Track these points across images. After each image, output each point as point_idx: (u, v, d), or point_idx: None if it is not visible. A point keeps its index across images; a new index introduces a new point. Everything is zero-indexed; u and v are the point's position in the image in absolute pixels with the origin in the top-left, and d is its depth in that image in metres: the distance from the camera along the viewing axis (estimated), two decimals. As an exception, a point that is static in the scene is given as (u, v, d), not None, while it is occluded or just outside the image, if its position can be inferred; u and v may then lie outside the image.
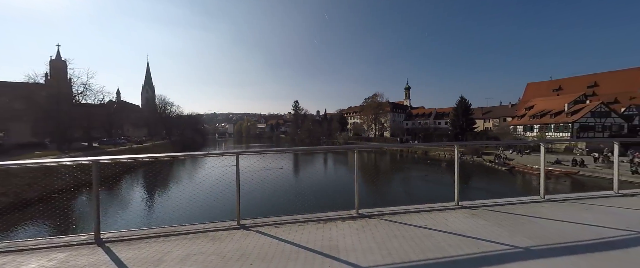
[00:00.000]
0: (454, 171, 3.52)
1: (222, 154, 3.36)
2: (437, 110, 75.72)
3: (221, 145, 77.39)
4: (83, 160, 2.66)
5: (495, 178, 23.24)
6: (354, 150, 3.67)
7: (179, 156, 3.19)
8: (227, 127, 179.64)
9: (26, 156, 20.79)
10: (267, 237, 2.68)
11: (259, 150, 4.42)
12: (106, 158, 2.75)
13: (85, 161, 2.61)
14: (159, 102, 64.51)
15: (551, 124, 34.90)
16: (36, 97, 26.94)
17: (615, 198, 3.88)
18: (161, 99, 63.48)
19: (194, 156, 3.21)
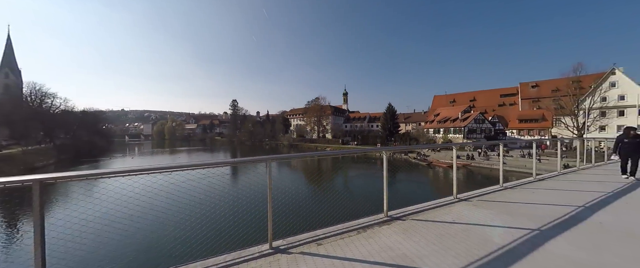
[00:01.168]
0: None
1: (252, 161, 2.71)
2: (370, 115, 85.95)
3: (133, 150, 62.69)
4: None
5: (418, 171, 28.70)
6: (383, 152, 3.90)
7: (208, 165, 2.52)
8: (142, 128, 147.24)
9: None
10: (315, 259, 2.35)
11: (294, 155, 3.87)
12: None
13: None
14: (30, 92, 46.54)
15: (451, 127, 45.70)
16: None
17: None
18: (34, 88, 45.96)
19: (225, 164, 2.45)
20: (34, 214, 1.67)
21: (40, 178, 1.72)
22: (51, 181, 1.80)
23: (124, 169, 2.04)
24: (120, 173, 2.03)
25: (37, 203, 1.67)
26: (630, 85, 32.46)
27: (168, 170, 2.25)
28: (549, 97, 47.91)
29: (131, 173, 2.08)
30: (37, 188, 1.68)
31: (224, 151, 59.32)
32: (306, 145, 65.77)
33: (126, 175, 2.08)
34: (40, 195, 1.69)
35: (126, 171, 2.04)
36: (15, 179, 1.70)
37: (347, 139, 62.80)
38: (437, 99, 68.22)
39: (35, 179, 1.71)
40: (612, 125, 32.78)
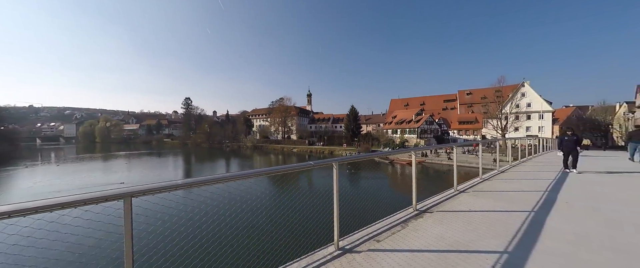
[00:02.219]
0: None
1: (321, 164, 2.64)
2: (334, 116, 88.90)
3: (49, 156, 50.97)
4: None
5: (381, 169, 31.22)
6: (413, 153, 4.32)
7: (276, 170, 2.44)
8: (62, 128, 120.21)
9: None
10: (385, 254, 2.50)
11: (356, 157, 3.61)
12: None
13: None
14: None
15: (407, 128, 50.87)
16: None
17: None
18: None
19: (291, 169, 2.15)
20: (125, 228, 1.56)
21: (130, 192, 1.57)
22: (141, 195, 1.63)
23: (207, 179, 1.91)
24: (197, 184, 1.89)
25: (128, 218, 1.57)
26: (534, 95, 41.79)
27: (239, 178, 2.17)
28: (479, 103, 57.96)
29: (209, 182, 1.96)
30: (129, 203, 1.58)
31: (177, 154, 53.07)
32: (271, 146, 64.03)
33: (208, 184, 1.95)
34: (131, 209, 1.57)
35: (205, 181, 1.92)
36: (103, 195, 1.51)
37: (313, 140, 63.56)
38: (394, 102, 74.89)
39: (126, 193, 1.57)
40: (523, 127, 41.58)
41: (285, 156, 48.52)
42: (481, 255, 2.50)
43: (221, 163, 40.10)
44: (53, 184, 22.43)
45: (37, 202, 1.25)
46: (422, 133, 48.07)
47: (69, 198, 1.36)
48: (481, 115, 50.92)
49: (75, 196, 1.37)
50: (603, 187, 5.47)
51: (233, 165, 36.57)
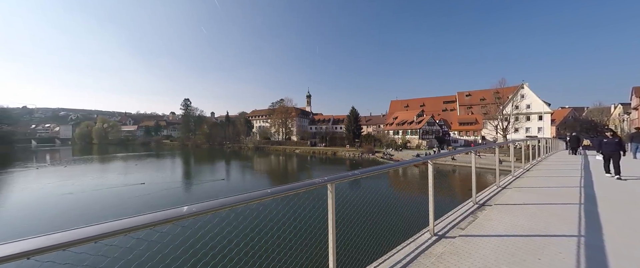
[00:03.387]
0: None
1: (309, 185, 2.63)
2: (334, 117, 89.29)
3: (49, 158, 50.24)
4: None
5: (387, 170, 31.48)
6: (429, 162, 4.57)
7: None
8: (57, 130, 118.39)
9: None
10: (485, 239, 2.76)
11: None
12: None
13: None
14: None
15: (408, 129, 51.42)
16: None
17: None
18: None
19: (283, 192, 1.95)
20: (329, 212, 1.90)
21: (332, 178, 1.92)
22: (338, 181, 1.96)
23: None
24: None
25: (331, 202, 1.90)
26: (534, 97, 42.68)
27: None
28: (478, 104, 58.92)
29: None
30: (332, 189, 1.88)
31: (179, 156, 52.78)
32: (273, 147, 64.04)
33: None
34: (334, 195, 1.92)
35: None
36: (313, 181, 1.83)
37: (315, 141, 63.73)
38: (394, 104, 75.58)
39: (329, 179, 1.90)
40: (523, 128, 42.42)
41: (288, 157, 48.58)
42: (562, 239, 2.78)
43: (229, 163, 39.99)
44: (67, 184, 22.39)
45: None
46: (423, 134, 48.63)
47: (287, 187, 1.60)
48: (481, 116, 51.75)
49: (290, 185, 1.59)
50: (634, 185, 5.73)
51: (237, 167, 36.51)
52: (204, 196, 19.10)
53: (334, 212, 1.91)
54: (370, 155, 42.19)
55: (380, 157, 39.26)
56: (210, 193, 20.11)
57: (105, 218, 1.08)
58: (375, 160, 38.47)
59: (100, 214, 14.42)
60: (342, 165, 35.44)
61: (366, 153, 42.88)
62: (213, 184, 23.29)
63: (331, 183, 1.89)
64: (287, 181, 19.17)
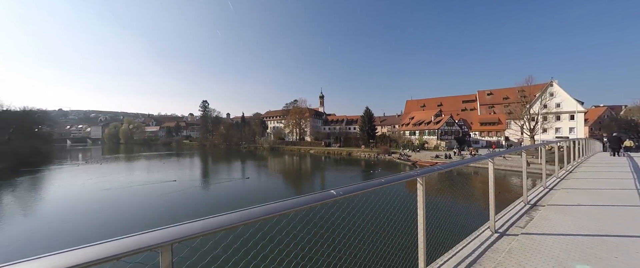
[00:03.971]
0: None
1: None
2: (348, 118, 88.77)
3: (76, 157, 54.05)
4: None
5: (403, 170, 30.65)
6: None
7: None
8: (89, 130, 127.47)
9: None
10: (548, 237, 2.74)
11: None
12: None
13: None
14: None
15: (425, 129, 49.98)
16: None
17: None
18: None
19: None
20: (419, 206, 1.95)
21: (423, 172, 1.97)
22: (427, 174, 2.02)
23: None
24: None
25: (421, 196, 1.95)
26: (564, 95, 39.90)
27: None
28: (501, 103, 56.06)
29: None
30: (423, 182, 1.94)
31: (199, 155, 54.88)
32: (288, 147, 64.84)
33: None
34: (424, 188, 1.98)
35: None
36: (408, 174, 1.83)
37: (329, 141, 63.73)
38: (410, 103, 73.81)
39: (421, 172, 1.94)
40: (552, 128, 39.80)
41: (304, 157, 48.94)
42: (637, 239, 2.64)
43: (249, 163, 41.03)
44: (105, 181, 24.29)
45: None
46: (442, 134, 47.05)
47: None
48: (504, 115, 49.19)
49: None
50: None
51: (258, 166, 37.33)
52: (236, 193, 19.92)
53: (424, 206, 1.94)
54: (386, 156, 41.48)
55: (397, 158, 38.44)
56: (240, 191, 20.78)
57: (153, 212, 1.14)
58: (392, 162, 37.73)
59: (146, 209, 15.40)
60: (358, 166, 35.13)
61: (382, 154, 42.21)
62: (242, 182, 24.16)
63: (421, 177, 1.93)
64: (311, 181, 19.61)
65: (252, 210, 1.07)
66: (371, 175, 27.53)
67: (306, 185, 25.13)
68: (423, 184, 1.96)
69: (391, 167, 32.78)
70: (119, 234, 0.91)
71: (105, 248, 0.82)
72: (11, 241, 11.18)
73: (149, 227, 0.95)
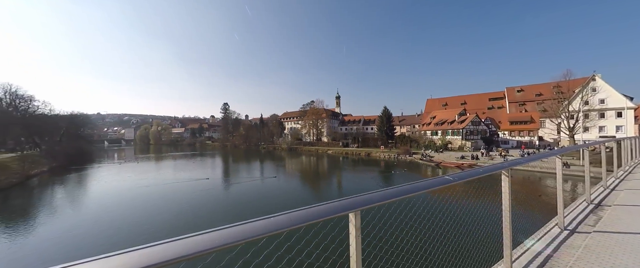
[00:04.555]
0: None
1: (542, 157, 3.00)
2: (365, 118, 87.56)
3: (113, 156, 58.58)
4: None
5: (426, 171, 29.39)
6: (584, 149, 4.19)
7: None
8: (123, 132, 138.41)
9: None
10: (624, 235, 2.62)
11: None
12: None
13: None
14: (3, 95, 41.45)
15: (448, 129, 47.77)
16: None
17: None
18: (8, 91, 40.94)
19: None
20: (503, 201, 1.96)
21: (460, 176, 1.78)
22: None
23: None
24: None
25: (507, 188, 1.97)
26: (610, 90, 36.02)
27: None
28: (533, 100, 51.98)
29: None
30: (507, 176, 1.91)
31: (221, 156, 57.22)
32: (305, 148, 65.42)
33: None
34: (510, 182, 1.98)
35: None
36: (443, 179, 1.68)
37: (347, 141, 63.25)
38: (430, 102, 71.06)
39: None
40: (595, 127, 36.08)
41: (322, 158, 49.07)
42: None
43: (270, 163, 42.07)
44: (143, 178, 26.56)
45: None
46: (467, 134, 44.70)
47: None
48: (537, 113, 45.58)
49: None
50: None
51: (279, 166, 38.11)
52: (269, 190, 20.76)
53: (510, 198, 1.93)
54: (407, 156, 40.26)
55: (419, 158, 37.12)
56: (268, 189, 21.51)
57: (191, 207, 1.20)
58: (413, 162, 36.52)
59: (191, 204, 16.50)
60: (377, 167, 34.48)
61: (402, 155, 41.05)
62: (270, 181, 24.97)
63: (507, 169, 1.98)
64: (339, 180, 19.69)
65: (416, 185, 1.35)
66: (392, 176, 26.88)
67: (335, 183, 25.52)
68: (509, 176, 1.95)
69: (413, 168, 31.74)
70: (183, 224, 1.00)
71: (308, 213, 1.00)
72: (101, 230, 12.50)
73: (204, 220, 1.05)
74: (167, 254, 0.68)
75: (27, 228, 13.01)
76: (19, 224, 13.60)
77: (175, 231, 11.46)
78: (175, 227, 12.42)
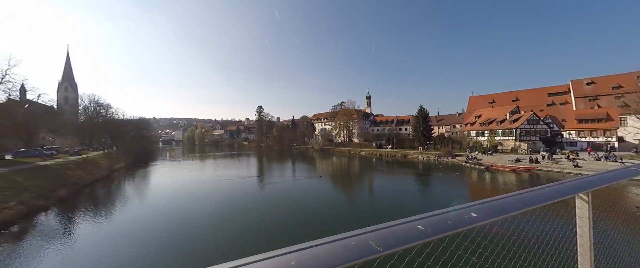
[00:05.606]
0: None
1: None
2: (398, 118, 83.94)
3: (166, 155, 65.93)
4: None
5: (483, 177, 26.36)
6: None
7: None
8: (173, 134, 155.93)
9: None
10: None
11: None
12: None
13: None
14: (88, 103, 50.41)
15: (498, 129, 42.90)
16: None
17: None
18: (93, 100, 49.71)
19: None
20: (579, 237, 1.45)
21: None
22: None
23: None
24: None
25: (586, 224, 1.44)
26: None
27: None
28: (609, 94, 43.73)
29: None
30: (586, 202, 1.43)
31: (259, 156, 60.47)
32: (337, 149, 65.38)
33: None
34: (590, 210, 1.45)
35: None
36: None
37: (381, 143, 61.36)
38: (474, 100, 64.92)
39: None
40: None
41: (355, 159, 48.47)
42: None
43: (307, 163, 43.22)
44: (200, 175, 30.00)
45: None
46: (523, 134, 39.63)
47: None
48: (616, 109, 38.28)
49: None
50: None
51: (318, 167, 38.81)
52: (314, 190, 21.38)
53: (592, 237, 1.47)
54: (449, 158, 37.33)
55: (464, 161, 34.07)
56: (316, 188, 22.11)
57: (260, 204, 1.11)
58: (457, 165, 33.65)
59: (256, 200, 17.99)
60: (415, 169, 32.69)
61: (444, 157, 38.19)
62: (317, 180, 25.77)
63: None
64: (380, 179, 19.21)
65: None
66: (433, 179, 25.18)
67: (378, 182, 25.30)
68: (589, 202, 1.46)
69: (457, 171, 29.30)
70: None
71: (531, 196, 1.01)
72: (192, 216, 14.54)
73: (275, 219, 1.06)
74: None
75: (123, 211, 16.21)
76: (116, 206, 17.19)
77: (245, 226, 12.73)
78: (244, 222, 13.53)
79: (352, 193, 21.21)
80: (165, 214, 15.02)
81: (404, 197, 18.89)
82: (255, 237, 11.28)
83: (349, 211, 15.78)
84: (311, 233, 11.83)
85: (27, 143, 28.23)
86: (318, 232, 12.01)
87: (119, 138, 45.11)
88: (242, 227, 12.57)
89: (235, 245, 10.46)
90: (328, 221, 13.54)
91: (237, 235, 11.51)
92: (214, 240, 10.98)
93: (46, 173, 20.50)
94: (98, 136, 38.08)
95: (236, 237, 11.27)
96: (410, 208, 15.75)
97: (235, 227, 12.52)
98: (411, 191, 20.83)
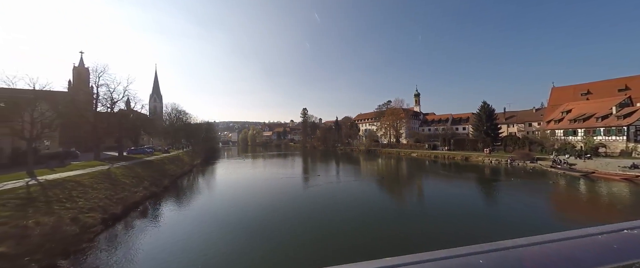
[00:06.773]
0: None
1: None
2: (453, 116, 75.32)
3: (225, 155, 74.22)
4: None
5: (578, 187, 21.14)
6: None
7: None
8: (230, 136, 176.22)
9: (73, 166, 19.99)
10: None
11: None
12: None
13: None
14: (171, 111, 61.63)
15: (599, 127, 33.96)
16: (63, 105, 24.79)
17: None
18: (174, 108, 60.71)
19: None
20: None
21: None
22: None
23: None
24: None
25: None
26: None
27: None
28: None
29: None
30: None
31: (306, 156, 62.77)
32: (384, 150, 62.58)
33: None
34: None
35: None
36: None
37: (435, 143, 55.99)
38: (558, 92, 53.34)
39: None
40: None
41: (407, 161, 45.47)
42: None
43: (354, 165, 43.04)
44: (260, 172, 33.89)
45: None
46: (638, 133, 30.50)
47: None
48: None
49: None
50: None
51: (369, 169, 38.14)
52: (374, 192, 21.65)
53: None
54: (527, 162, 31.36)
55: (550, 166, 28.03)
56: (375, 192, 22.10)
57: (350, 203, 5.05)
58: (538, 170, 27.93)
59: (337, 201, 18.61)
60: (479, 173, 28.52)
61: (520, 160, 32.32)
62: (380, 182, 25.87)
63: None
64: (447, 184, 17.45)
65: None
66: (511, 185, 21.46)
67: (448, 188, 22.98)
68: None
69: (540, 178, 24.32)
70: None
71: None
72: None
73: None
74: None
75: (208, 198, 20.03)
76: (203, 194, 21.47)
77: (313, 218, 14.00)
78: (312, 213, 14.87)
79: (428, 196, 20.50)
80: (245, 206, 17.32)
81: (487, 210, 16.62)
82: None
83: (422, 218, 14.74)
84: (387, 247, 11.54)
85: (134, 143, 36.34)
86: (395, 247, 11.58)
87: (193, 139, 54.18)
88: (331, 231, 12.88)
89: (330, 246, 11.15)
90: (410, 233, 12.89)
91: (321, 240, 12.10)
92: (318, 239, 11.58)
93: (152, 166, 26.01)
94: (178, 137, 46.58)
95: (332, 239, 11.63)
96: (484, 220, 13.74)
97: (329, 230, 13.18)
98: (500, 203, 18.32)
